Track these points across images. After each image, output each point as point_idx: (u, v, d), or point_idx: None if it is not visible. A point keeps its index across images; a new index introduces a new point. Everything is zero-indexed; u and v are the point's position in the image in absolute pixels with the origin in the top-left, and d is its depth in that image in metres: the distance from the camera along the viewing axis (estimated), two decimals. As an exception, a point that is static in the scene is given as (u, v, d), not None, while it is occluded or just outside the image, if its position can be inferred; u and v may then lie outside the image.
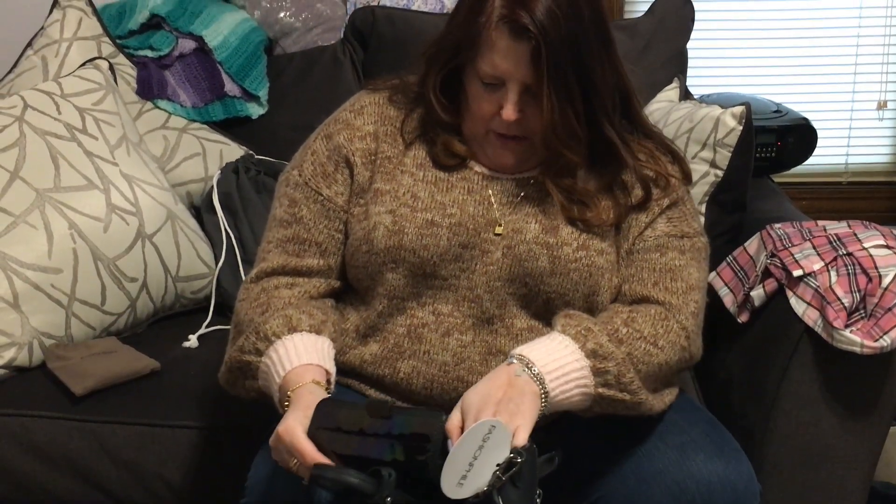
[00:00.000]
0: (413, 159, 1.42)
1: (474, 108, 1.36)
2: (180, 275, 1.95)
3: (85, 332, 1.82)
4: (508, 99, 1.32)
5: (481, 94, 1.34)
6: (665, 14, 2.24)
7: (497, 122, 1.35)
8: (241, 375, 1.37)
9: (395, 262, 1.36)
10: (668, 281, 1.38)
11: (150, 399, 1.67)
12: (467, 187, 1.40)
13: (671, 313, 1.35)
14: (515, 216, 1.39)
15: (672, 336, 1.33)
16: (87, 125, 1.91)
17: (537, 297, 1.36)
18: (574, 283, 1.35)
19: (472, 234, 1.37)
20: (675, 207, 1.43)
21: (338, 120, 1.47)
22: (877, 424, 1.54)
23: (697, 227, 1.45)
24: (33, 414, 1.64)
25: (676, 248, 1.40)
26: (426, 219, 1.37)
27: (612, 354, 1.27)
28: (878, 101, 2.64)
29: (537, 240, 1.36)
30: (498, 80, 1.32)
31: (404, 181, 1.40)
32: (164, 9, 2.23)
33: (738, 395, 1.64)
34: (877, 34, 2.59)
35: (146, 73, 2.20)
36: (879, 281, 1.46)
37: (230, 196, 2.03)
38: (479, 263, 1.36)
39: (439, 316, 1.37)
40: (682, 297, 1.37)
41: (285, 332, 1.32)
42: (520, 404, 1.19)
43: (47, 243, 1.77)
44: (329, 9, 2.37)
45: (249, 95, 2.25)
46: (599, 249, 1.37)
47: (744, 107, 1.80)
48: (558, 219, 1.38)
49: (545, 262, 1.35)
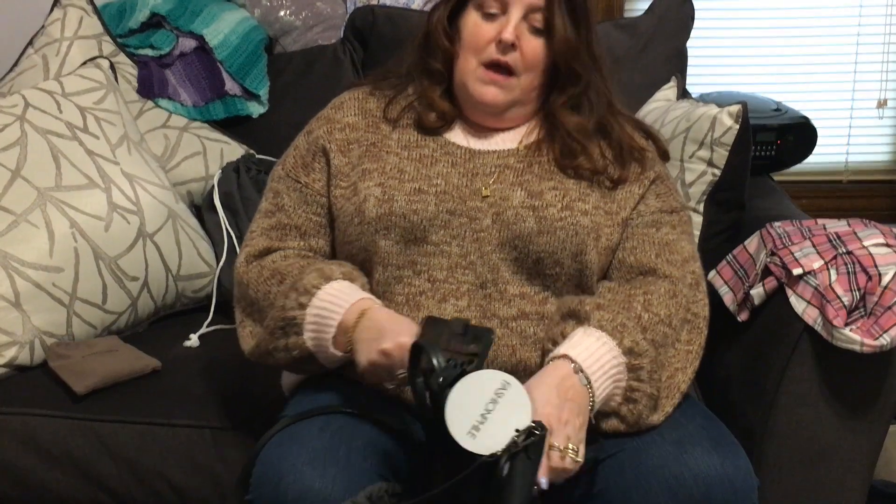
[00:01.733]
0: (397, 141, 1.49)
1: (470, 37, 1.44)
2: (181, 274, 1.95)
3: (86, 330, 1.82)
4: (509, 21, 1.41)
5: (480, 23, 1.43)
6: (665, 13, 2.24)
7: (490, 50, 1.42)
8: (283, 335, 1.39)
9: (386, 229, 1.41)
10: (667, 254, 1.45)
11: (151, 398, 1.67)
12: (451, 161, 1.46)
13: (678, 288, 1.42)
14: (500, 185, 1.44)
15: (681, 313, 1.41)
16: (89, 124, 1.91)
17: (527, 258, 1.41)
18: (561, 241, 1.40)
19: (458, 202, 1.42)
20: (661, 183, 1.51)
21: (319, 118, 1.56)
22: (876, 423, 1.54)
23: (682, 200, 1.55)
24: (35, 412, 1.64)
25: (668, 223, 1.48)
26: (414, 187, 1.43)
27: (646, 351, 1.34)
28: (878, 99, 2.64)
29: (523, 204, 1.42)
30: (502, 4, 1.41)
31: (390, 159, 1.46)
32: (165, 7, 2.24)
33: (737, 394, 1.65)
34: (877, 32, 2.59)
35: (147, 72, 2.20)
36: (879, 279, 1.47)
37: (231, 195, 2.04)
38: (468, 230, 1.42)
39: (435, 283, 1.41)
40: (680, 269, 1.44)
41: (322, 282, 1.38)
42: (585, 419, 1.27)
43: (48, 242, 1.78)
44: (329, 7, 2.37)
45: (250, 94, 2.25)
46: (583, 210, 1.42)
47: (740, 105, 1.80)
48: (541, 184, 1.44)
49: (532, 223, 1.40)
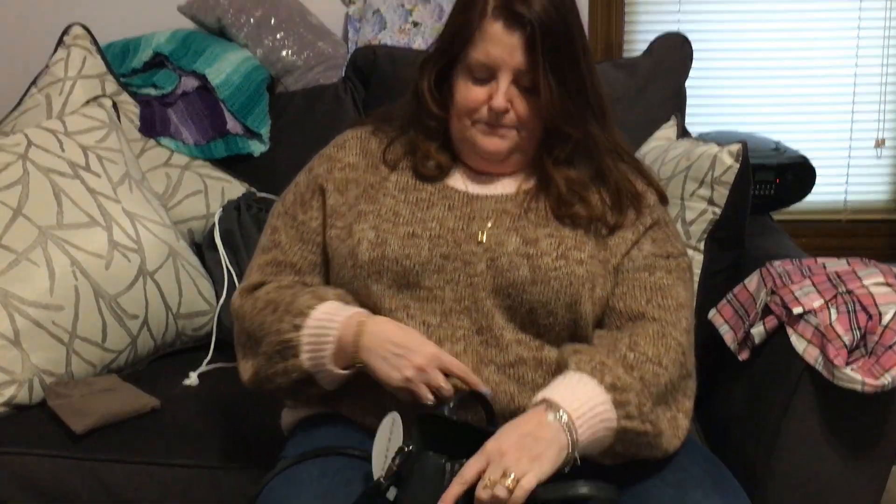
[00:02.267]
0: (395, 184, 1.47)
1: (461, 101, 1.41)
2: (181, 312, 1.95)
3: (85, 369, 1.82)
4: (499, 88, 1.38)
5: (470, 87, 1.40)
6: (664, 53, 2.26)
7: (484, 112, 1.40)
8: (280, 359, 1.39)
9: (378, 273, 1.40)
10: (659, 299, 1.41)
11: (149, 437, 1.67)
12: (448, 205, 1.45)
13: (667, 330, 1.38)
14: (496, 230, 1.42)
15: (672, 353, 1.37)
16: (91, 162, 1.92)
17: (521, 307, 1.39)
18: (555, 291, 1.37)
19: (452, 246, 1.40)
20: (658, 228, 1.47)
21: (322, 155, 1.55)
22: (879, 463, 1.53)
23: (681, 246, 1.50)
24: (33, 452, 1.63)
25: (663, 267, 1.44)
26: (408, 231, 1.41)
27: (630, 385, 1.29)
28: (876, 139, 2.66)
29: (518, 251, 1.39)
30: (489, 70, 1.38)
31: (386, 202, 1.45)
32: (168, 48, 2.25)
33: (739, 433, 1.64)
34: (874, 73, 2.61)
35: (149, 110, 2.21)
36: (879, 319, 1.46)
37: (232, 233, 2.04)
38: (462, 275, 1.39)
39: (429, 327, 1.39)
40: (674, 314, 1.41)
41: (316, 302, 1.38)
42: (545, 451, 1.20)
43: (49, 280, 1.78)
44: (331, 47, 2.39)
45: (251, 133, 2.27)
46: (578, 259, 1.39)
47: (740, 145, 1.81)
48: (537, 231, 1.42)
49: (526, 272, 1.38)
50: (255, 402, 1.71)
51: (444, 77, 1.45)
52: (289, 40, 2.34)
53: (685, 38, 2.28)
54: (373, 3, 2.43)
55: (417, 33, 2.37)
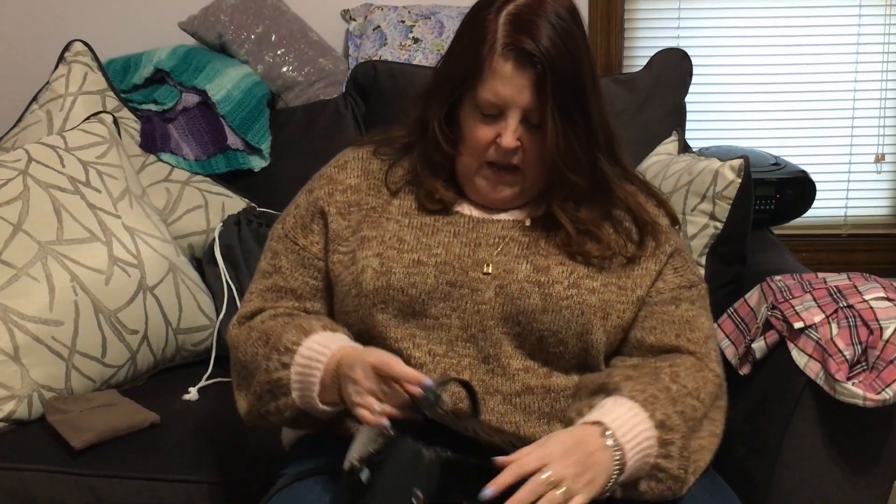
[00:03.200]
0: (398, 208, 1.44)
1: (470, 139, 1.37)
2: (181, 327, 1.95)
3: (85, 384, 1.82)
4: (508, 126, 1.33)
5: (479, 125, 1.36)
6: (663, 68, 2.26)
7: (493, 152, 1.36)
8: (272, 398, 1.37)
9: (384, 303, 1.36)
10: (688, 332, 1.40)
11: (149, 453, 1.66)
12: (453, 230, 1.41)
13: (703, 363, 1.38)
14: (504, 258, 1.39)
15: (710, 387, 1.37)
16: (91, 178, 1.92)
17: (530, 335, 1.36)
18: (566, 320, 1.35)
19: (459, 273, 1.37)
20: (679, 256, 1.45)
21: (322, 175, 1.51)
22: (881, 478, 1.53)
23: (699, 273, 1.49)
24: (32, 468, 1.63)
25: (687, 298, 1.43)
26: (413, 259, 1.38)
27: (678, 427, 1.28)
28: (876, 154, 2.66)
29: (529, 279, 1.36)
30: (498, 108, 1.34)
31: (390, 227, 1.41)
32: (169, 63, 2.26)
33: (740, 449, 1.63)
34: (873, 88, 2.62)
35: (150, 126, 2.22)
36: (880, 333, 1.46)
37: (232, 248, 2.04)
38: (469, 302, 1.36)
39: (435, 357, 1.36)
40: (704, 346, 1.40)
41: (302, 337, 1.35)
42: (598, 477, 1.20)
43: (49, 296, 1.77)
44: (331, 63, 2.40)
45: (252, 148, 2.27)
46: (591, 288, 1.37)
47: (742, 159, 1.81)
48: (548, 259, 1.38)
49: (537, 300, 1.35)
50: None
51: (450, 111, 1.40)
52: (289, 56, 2.35)
53: (685, 54, 2.29)
54: (373, 19, 2.44)
55: (418, 49, 2.38)
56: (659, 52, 2.31)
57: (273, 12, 2.38)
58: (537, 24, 1.30)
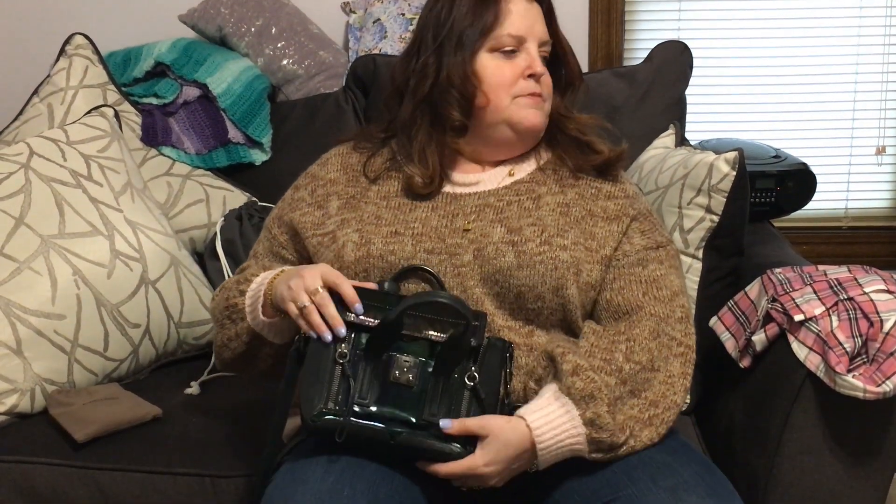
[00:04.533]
0: (377, 192, 1.55)
1: (498, 78, 1.50)
2: (183, 321, 1.95)
3: (87, 378, 1.82)
4: (532, 55, 1.51)
5: (501, 64, 1.50)
6: (663, 61, 2.26)
7: (522, 85, 1.50)
8: (231, 323, 1.50)
9: (365, 271, 1.46)
10: (654, 291, 1.48)
11: (151, 446, 1.66)
12: (431, 206, 1.52)
13: (661, 327, 1.45)
14: (480, 223, 1.49)
15: (664, 350, 1.44)
16: (93, 172, 1.93)
17: (508, 292, 1.45)
18: (541, 275, 1.44)
19: (436, 241, 1.46)
20: (644, 219, 1.55)
21: (307, 174, 1.64)
22: (881, 470, 1.53)
23: (666, 234, 1.58)
24: (34, 461, 1.63)
25: (655, 259, 1.51)
26: (390, 230, 1.48)
27: (608, 425, 1.34)
28: (877, 146, 2.66)
29: (503, 239, 1.46)
30: (519, 41, 1.50)
31: (368, 209, 1.53)
32: (169, 57, 2.26)
33: (740, 442, 1.64)
34: (874, 80, 2.62)
35: (151, 120, 2.22)
36: (881, 326, 1.47)
37: (233, 242, 2.04)
38: (449, 266, 1.45)
39: None
40: (668, 305, 1.47)
41: (262, 271, 1.51)
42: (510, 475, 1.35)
43: (51, 289, 1.78)
44: (332, 56, 2.39)
45: (253, 142, 2.27)
46: (562, 245, 1.46)
47: (736, 152, 1.81)
48: (520, 221, 1.49)
49: (511, 258, 1.44)
50: (256, 411, 1.71)
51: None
52: (290, 49, 2.35)
53: (685, 46, 2.28)
54: (373, 12, 2.44)
55: (418, 42, 2.38)
56: (659, 44, 2.30)
57: (273, 5, 2.38)
58: None
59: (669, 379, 1.42)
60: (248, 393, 1.83)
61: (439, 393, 1.33)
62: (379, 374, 1.33)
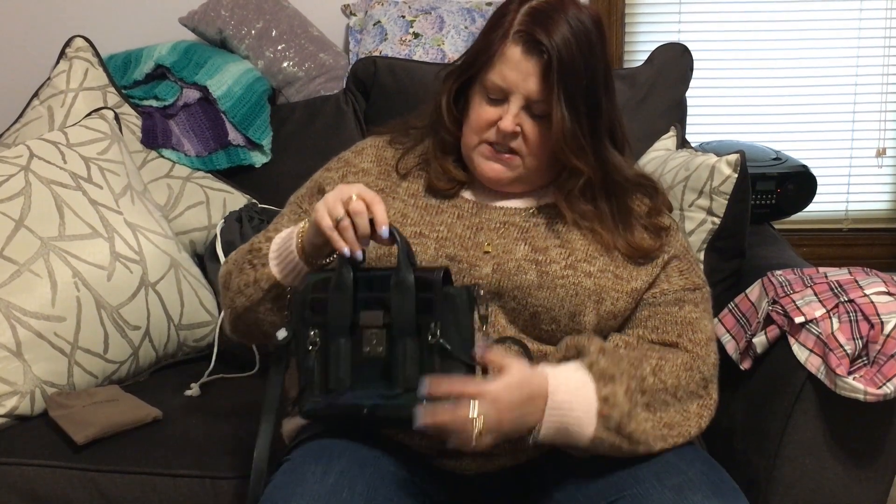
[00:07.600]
0: (406, 190, 1.51)
1: (473, 118, 1.44)
2: (183, 323, 1.95)
3: (87, 380, 1.82)
4: (509, 111, 1.40)
5: (483, 106, 1.43)
6: (664, 63, 2.26)
7: (492, 133, 1.43)
8: (251, 268, 1.44)
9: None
10: (690, 333, 1.44)
11: (151, 448, 1.66)
12: (457, 213, 1.48)
13: (696, 363, 1.41)
14: (503, 241, 1.45)
15: (692, 387, 1.40)
16: (93, 174, 1.92)
17: (524, 310, 1.41)
18: (560, 298, 1.40)
19: (458, 249, 1.43)
20: (683, 259, 1.49)
21: (340, 158, 1.59)
22: (882, 472, 1.53)
23: (703, 276, 1.52)
24: (34, 463, 1.63)
25: (691, 300, 1.46)
26: (415, 231, 1.45)
27: (620, 405, 1.32)
28: (877, 148, 2.66)
29: (526, 257, 1.43)
30: (503, 93, 1.41)
31: (395, 205, 1.49)
32: (169, 59, 2.26)
33: (741, 443, 1.64)
34: (874, 82, 2.62)
35: (151, 122, 2.22)
36: (881, 328, 1.46)
37: (233, 244, 2.04)
38: (466, 277, 1.42)
39: None
40: (704, 349, 1.44)
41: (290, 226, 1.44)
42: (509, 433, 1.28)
43: (51, 292, 1.78)
44: (332, 59, 2.39)
45: (253, 144, 2.27)
46: (587, 272, 1.42)
47: (738, 154, 1.81)
48: (547, 242, 1.44)
49: (533, 276, 1.41)
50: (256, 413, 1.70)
51: (463, 93, 1.47)
52: (290, 52, 2.35)
53: (685, 48, 2.28)
54: (374, 14, 2.44)
55: (418, 44, 2.38)
56: (660, 46, 2.31)
57: (273, 7, 2.38)
58: (554, 20, 1.38)
59: (685, 412, 1.39)
60: (248, 394, 1.83)
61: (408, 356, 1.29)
62: (349, 354, 1.30)
